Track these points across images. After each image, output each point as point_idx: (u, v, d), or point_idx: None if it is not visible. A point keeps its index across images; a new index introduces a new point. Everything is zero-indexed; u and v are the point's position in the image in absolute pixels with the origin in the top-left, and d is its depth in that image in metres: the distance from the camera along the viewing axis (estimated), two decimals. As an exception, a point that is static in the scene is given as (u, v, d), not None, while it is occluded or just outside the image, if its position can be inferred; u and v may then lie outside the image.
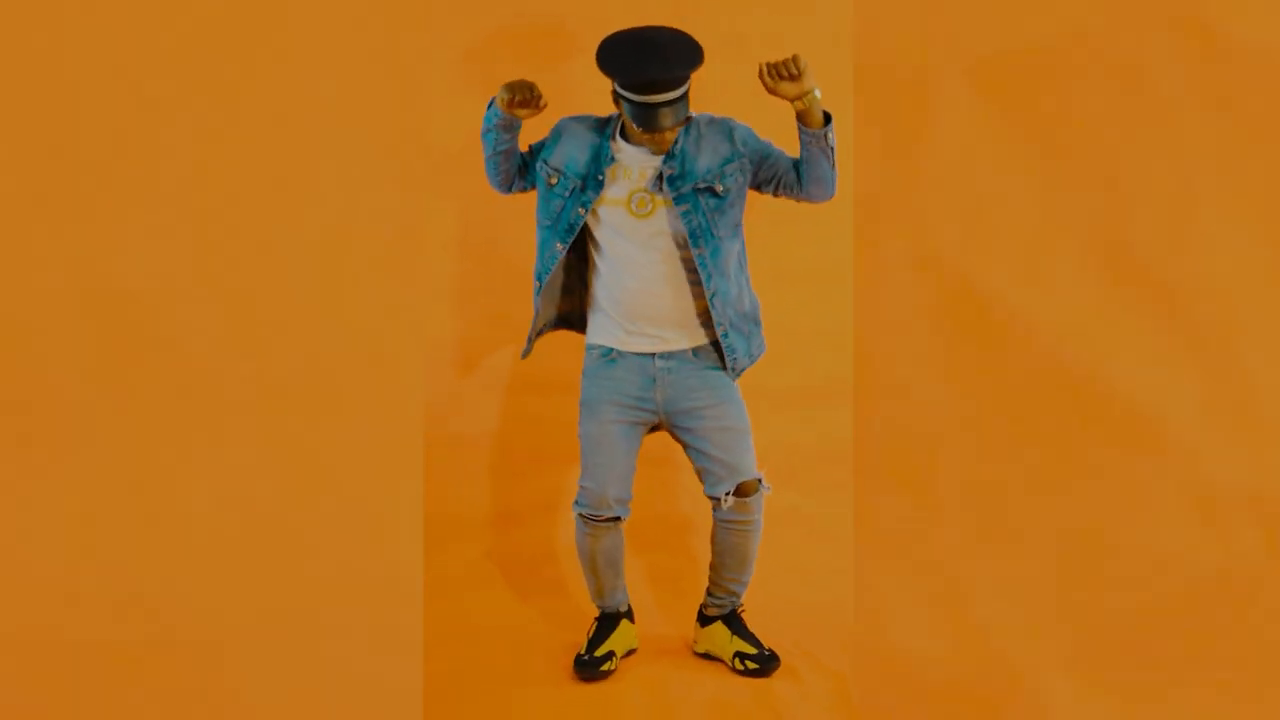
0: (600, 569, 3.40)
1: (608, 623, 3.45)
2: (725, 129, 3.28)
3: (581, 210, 3.18)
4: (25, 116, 3.19)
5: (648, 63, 3.06)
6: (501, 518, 4.05)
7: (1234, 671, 3.05)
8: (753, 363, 3.37)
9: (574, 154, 3.22)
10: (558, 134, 3.27)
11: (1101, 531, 3.08)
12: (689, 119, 3.17)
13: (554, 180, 3.21)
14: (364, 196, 3.21)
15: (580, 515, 3.33)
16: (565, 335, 3.48)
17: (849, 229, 3.26)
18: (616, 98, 3.14)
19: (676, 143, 3.21)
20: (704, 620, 3.51)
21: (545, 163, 3.25)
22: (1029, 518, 3.10)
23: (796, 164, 3.27)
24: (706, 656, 3.51)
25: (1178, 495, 3.20)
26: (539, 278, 3.26)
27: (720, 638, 3.46)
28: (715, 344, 3.31)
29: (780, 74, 3.11)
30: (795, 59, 3.11)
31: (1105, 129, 3.05)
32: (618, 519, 3.32)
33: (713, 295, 3.25)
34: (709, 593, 3.49)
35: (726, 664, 3.44)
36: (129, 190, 3.03)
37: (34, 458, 3.12)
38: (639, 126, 3.11)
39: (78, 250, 3.04)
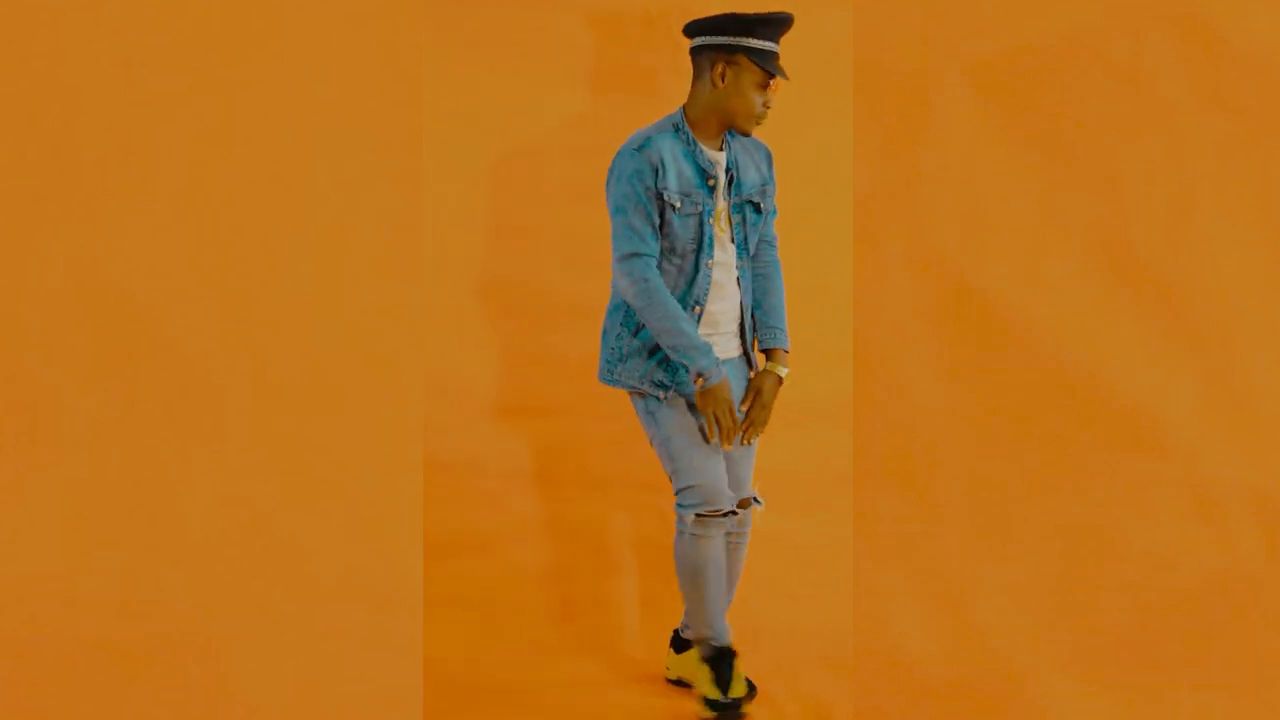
0: (714, 581, 3.21)
1: (727, 660, 3.32)
2: (765, 153, 3.29)
3: (711, 220, 3.16)
4: (25, 116, 3.19)
5: (786, 13, 3.15)
6: (486, 541, 4.03)
7: (1234, 671, 3.05)
8: None
9: (684, 170, 3.15)
10: (661, 161, 3.13)
11: (1101, 532, 3.08)
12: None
13: (679, 203, 3.13)
14: (364, 196, 3.21)
15: (698, 516, 3.18)
16: (554, 360, 3.44)
17: (849, 229, 3.25)
18: (738, 51, 3.11)
19: (730, 150, 3.21)
20: (679, 645, 3.45)
21: (668, 190, 3.14)
22: (1029, 518, 3.10)
23: (764, 269, 3.31)
24: (678, 683, 3.47)
25: (1178, 495, 3.20)
26: (698, 302, 3.16)
27: (695, 664, 3.41)
28: (745, 355, 3.33)
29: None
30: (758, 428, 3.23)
31: (1105, 129, 3.05)
32: (734, 512, 3.21)
33: (754, 307, 3.27)
34: (689, 613, 3.45)
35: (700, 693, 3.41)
36: (129, 190, 3.03)
37: (34, 458, 3.12)
38: (775, 71, 3.13)
39: (77, 250, 3.04)
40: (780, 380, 3.28)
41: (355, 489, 3.32)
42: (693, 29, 3.14)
